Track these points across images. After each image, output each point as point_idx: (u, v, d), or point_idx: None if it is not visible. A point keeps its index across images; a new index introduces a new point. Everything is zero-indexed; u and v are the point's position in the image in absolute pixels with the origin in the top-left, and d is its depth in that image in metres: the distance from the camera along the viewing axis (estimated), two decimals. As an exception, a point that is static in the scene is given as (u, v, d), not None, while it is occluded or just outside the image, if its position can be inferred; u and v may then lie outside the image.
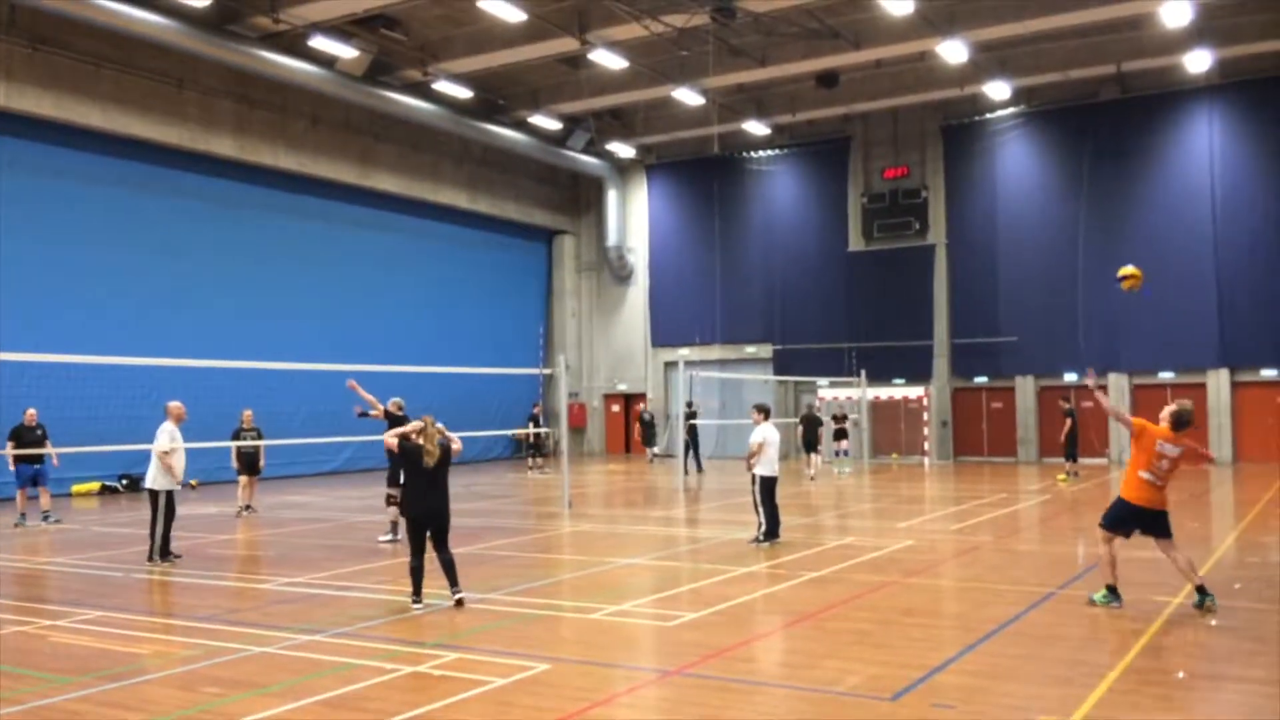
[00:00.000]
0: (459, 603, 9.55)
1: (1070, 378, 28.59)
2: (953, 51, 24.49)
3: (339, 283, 28.25)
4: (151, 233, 23.90)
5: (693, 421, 26.60)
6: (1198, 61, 25.46)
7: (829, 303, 31.71)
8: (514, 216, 34.09)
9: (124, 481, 22.85)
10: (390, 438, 9.86)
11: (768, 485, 13.44)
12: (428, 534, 9.65)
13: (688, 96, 27.84)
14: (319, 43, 23.73)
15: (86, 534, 16.02)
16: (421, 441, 9.64)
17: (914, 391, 29.84)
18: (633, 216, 35.46)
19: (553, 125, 31.43)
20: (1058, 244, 28.86)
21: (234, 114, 25.23)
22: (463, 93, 27.81)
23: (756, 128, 30.77)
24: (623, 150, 33.58)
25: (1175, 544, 9.22)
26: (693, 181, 34.38)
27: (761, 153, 33.11)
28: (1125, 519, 9.24)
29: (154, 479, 12.65)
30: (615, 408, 36.33)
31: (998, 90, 27.62)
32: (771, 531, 13.42)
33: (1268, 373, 26.88)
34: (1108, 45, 25.94)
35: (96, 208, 22.92)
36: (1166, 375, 27.85)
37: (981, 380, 30.11)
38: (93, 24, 21.04)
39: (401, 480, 10.29)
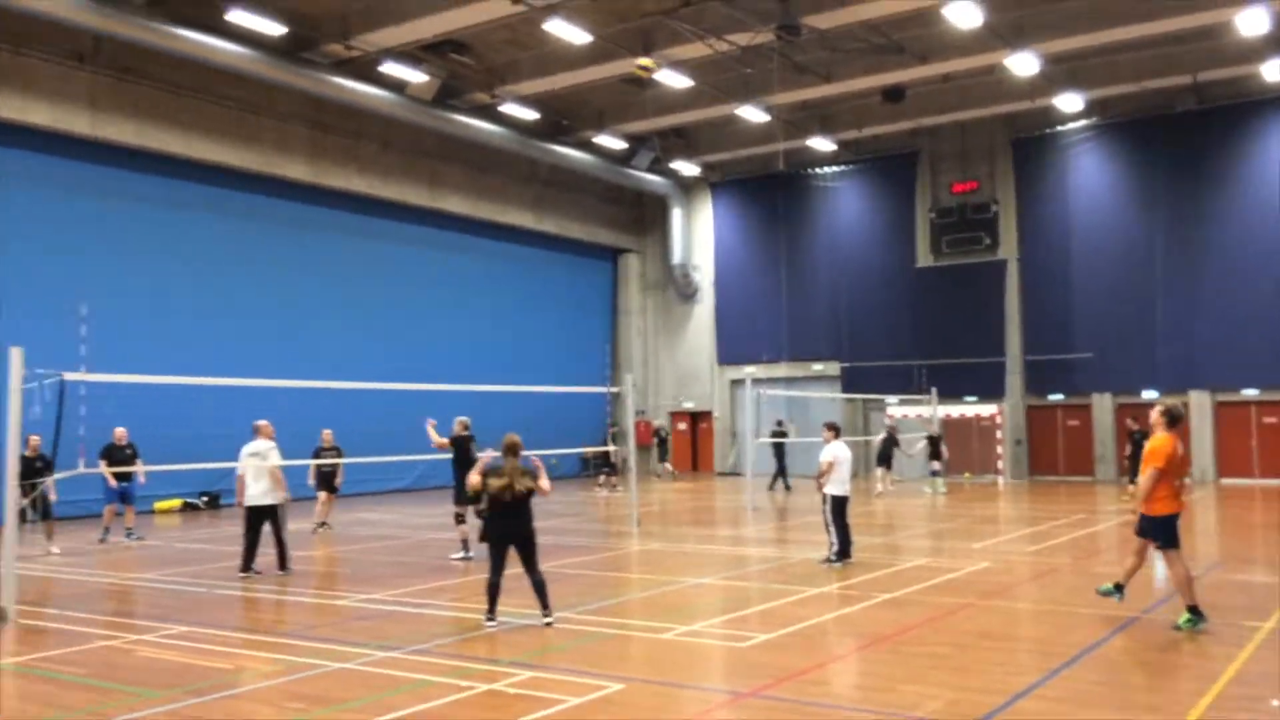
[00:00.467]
0: (548, 625, 9.57)
1: (1149, 394, 27.91)
2: (1022, 64, 24.16)
3: (408, 303, 28.71)
4: (227, 255, 24.53)
5: (780, 440, 26.61)
6: (1276, 70, 24.79)
7: (897, 319, 31.39)
8: (579, 236, 34.36)
9: (204, 499, 23.38)
10: (474, 479, 9.75)
11: (838, 504, 13.32)
12: (508, 553, 9.68)
13: (752, 114, 27.83)
14: (390, 68, 24.20)
15: (170, 550, 16.42)
16: (503, 479, 9.56)
17: (986, 409, 29.36)
18: (697, 234, 35.50)
19: (617, 145, 31.64)
20: (1134, 258, 28.24)
21: (308, 139, 25.84)
22: (529, 114, 28.14)
23: (822, 144, 30.64)
24: (687, 169, 33.66)
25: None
26: (757, 199, 34.32)
27: (827, 169, 32.95)
28: (1175, 531, 9.22)
29: (267, 494, 13.00)
30: (682, 425, 36.29)
31: (1069, 102, 27.17)
32: (843, 551, 13.29)
33: (1356, 389, 25.98)
34: (1183, 55, 25.39)
35: (176, 231, 23.58)
36: (1250, 392, 27.03)
37: (1057, 397, 29.53)
38: (174, 54, 21.70)
39: (476, 499, 10.31)
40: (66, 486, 15.90)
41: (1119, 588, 9.67)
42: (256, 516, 13.04)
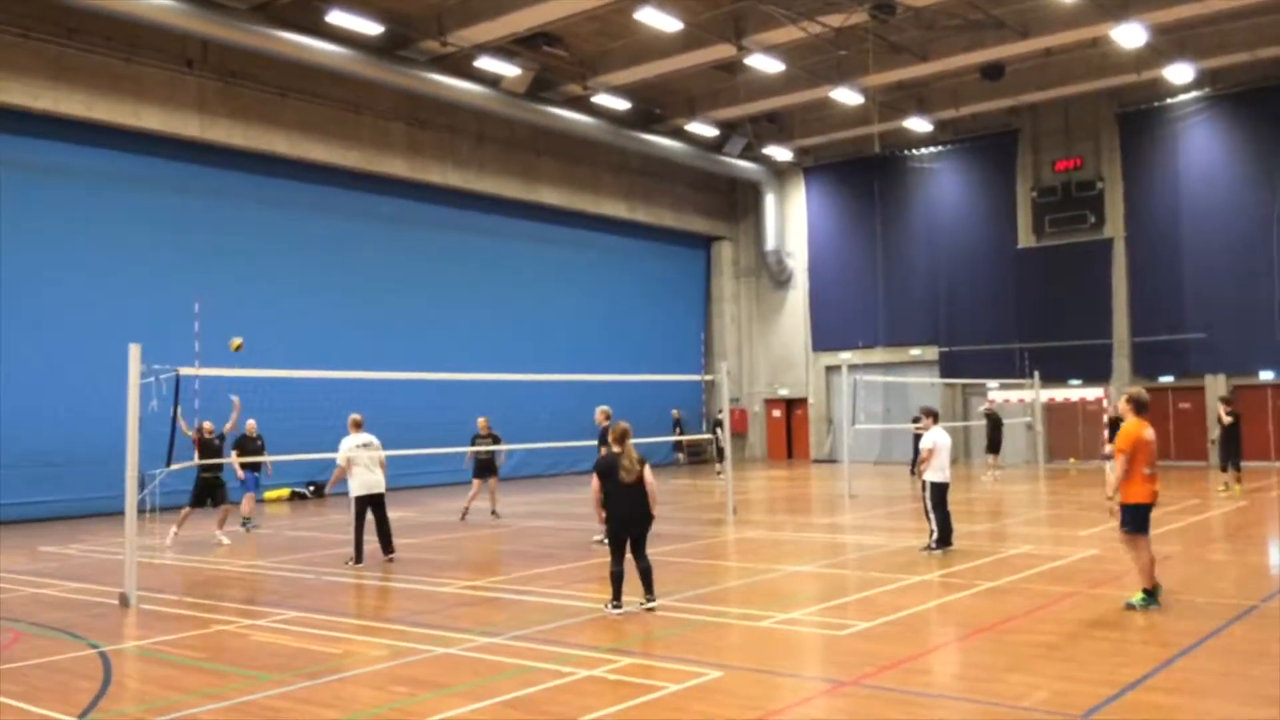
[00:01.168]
0: (650, 611, 9.67)
1: (1266, 375, 26.75)
2: (1129, 35, 23.28)
3: (504, 294, 29.11)
4: (329, 251, 25.20)
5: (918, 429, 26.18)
6: (1407, 31, 23.46)
7: (998, 302, 30.66)
8: (672, 224, 34.37)
9: (311, 488, 24.09)
10: (595, 487, 9.86)
11: (939, 491, 13.10)
12: (627, 540, 9.80)
13: (846, 96, 27.42)
14: (484, 63, 24.53)
15: (280, 538, 16.98)
16: (619, 455, 9.76)
17: (1092, 393, 28.49)
18: (791, 220, 35.18)
19: (709, 132, 31.52)
20: (1249, 234, 27.05)
21: (405, 135, 26.37)
22: (621, 104, 28.22)
23: (918, 124, 30.04)
24: (780, 154, 33.36)
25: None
26: (852, 182, 33.84)
27: (924, 150, 32.30)
28: (1145, 519, 9.39)
29: (381, 483, 13.55)
30: (776, 413, 36.07)
31: (1179, 74, 26.11)
32: (944, 539, 13.07)
33: None
34: (1301, 20, 24.21)
35: (281, 228, 24.33)
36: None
37: (1167, 380, 28.48)
38: (277, 57, 22.35)
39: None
40: (179, 478, 16.45)
41: (1150, 594, 9.29)
42: (368, 504, 13.41)
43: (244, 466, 17.36)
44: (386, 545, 13.58)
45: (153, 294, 21.48)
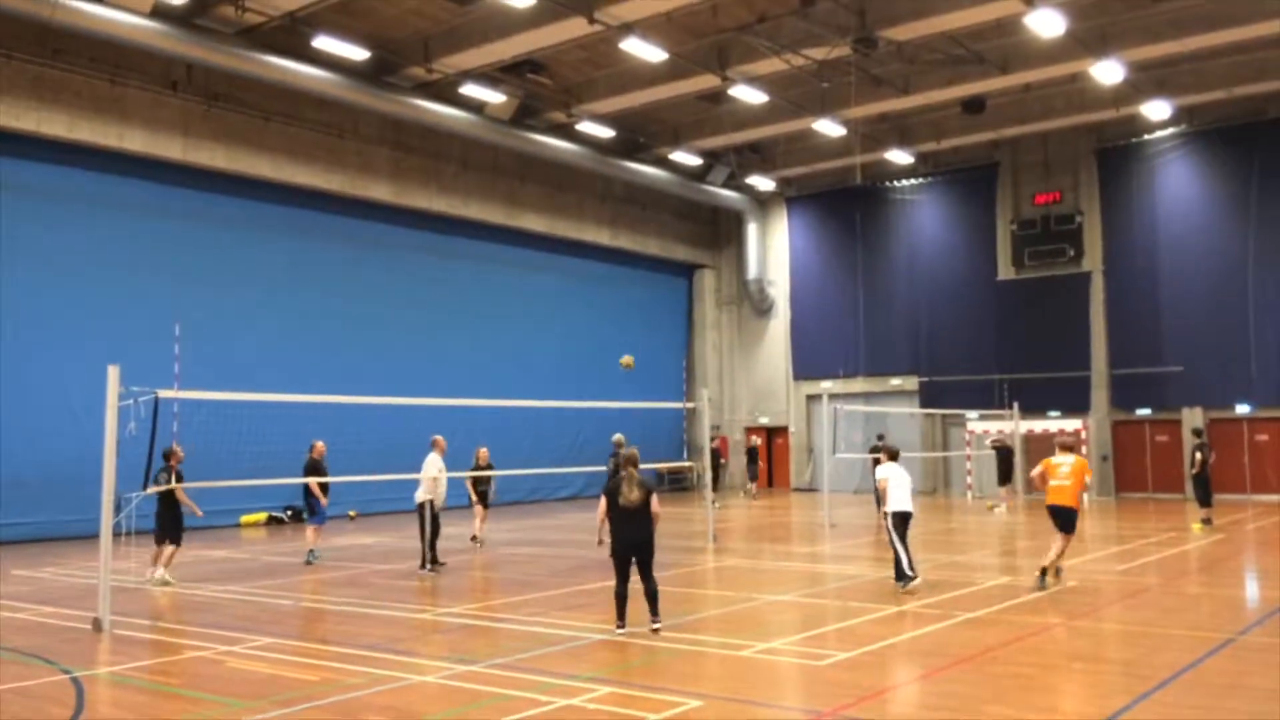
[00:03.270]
0: (655, 631, 9.92)
1: (1242, 409, 26.99)
2: (1107, 72, 23.61)
3: (487, 320, 29.05)
4: (312, 275, 25.11)
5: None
6: (1378, 72, 23.87)
7: (978, 333, 30.85)
8: (655, 252, 34.47)
9: (289, 512, 23.89)
10: (602, 508, 10.55)
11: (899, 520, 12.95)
12: (631, 563, 10.10)
13: (828, 128, 27.65)
14: (469, 90, 24.62)
15: (256, 563, 16.82)
16: (622, 482, 10.18)
17: (1070, 424, 28.65)
18: (773, 249, 35.36)
19: (693, 161, 31.70)
20: (1226, 269, 27.36)
21: (390, 160, 26.38)
22: (605, 132, 28.36)
23: (899, 157, 30.32)
24: (763, 183, 33.57)
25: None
26: (834, 213, 34.06)
27: (905, 182, 32.58)
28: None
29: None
30: (757, 440, 36.06)
31: (1156, 110, 26.48)
32: (899, 573, 12.74)
33: None
34: (1274, 60, 24.59)
35: (263, 252, 24.25)
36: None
37: (1144, 412, 28.69)
38: (262, 81, 22.37)
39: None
40: (150, 501, 16.27)
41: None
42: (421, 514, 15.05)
43: (309, 492, 16.48)
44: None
45: (133, 315, 21.35)
